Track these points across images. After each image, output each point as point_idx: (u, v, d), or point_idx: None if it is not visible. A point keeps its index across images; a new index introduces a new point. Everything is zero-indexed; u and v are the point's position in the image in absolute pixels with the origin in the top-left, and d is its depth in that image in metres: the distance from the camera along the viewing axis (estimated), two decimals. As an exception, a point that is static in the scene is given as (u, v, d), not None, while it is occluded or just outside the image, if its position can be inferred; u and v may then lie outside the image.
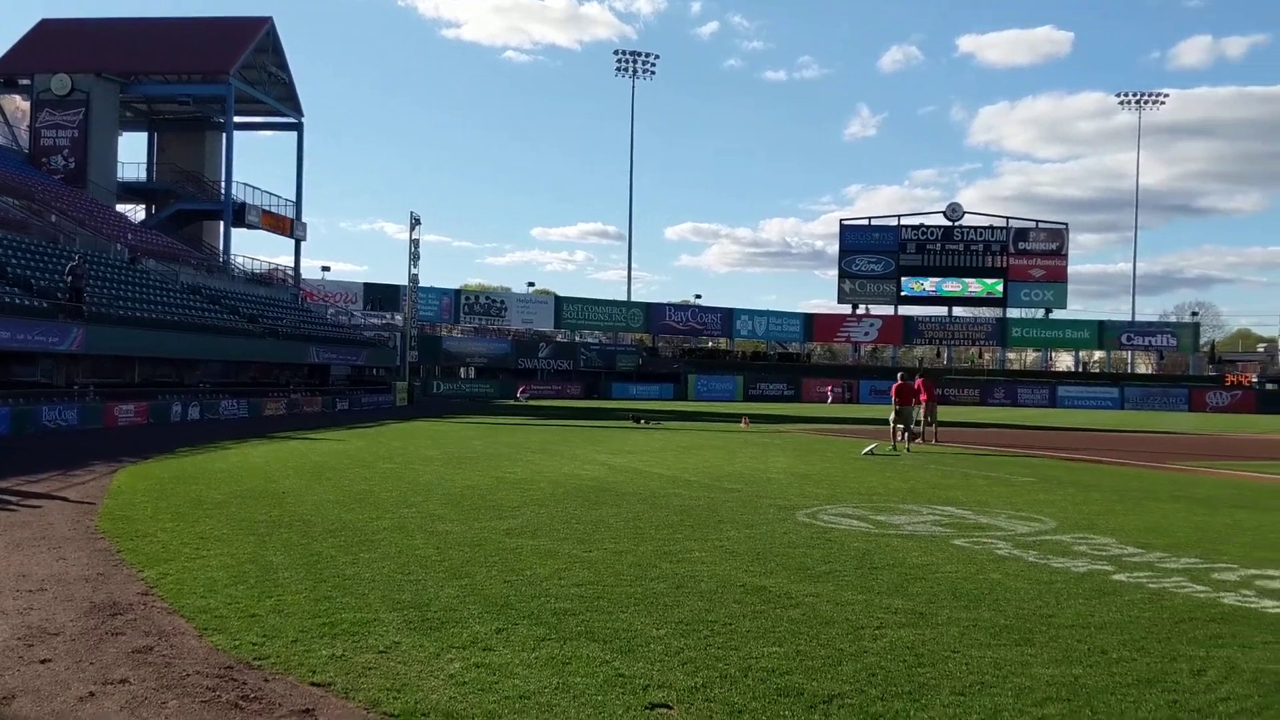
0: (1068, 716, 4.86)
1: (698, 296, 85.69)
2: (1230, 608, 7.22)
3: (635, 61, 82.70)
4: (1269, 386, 73.70)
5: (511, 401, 56.87)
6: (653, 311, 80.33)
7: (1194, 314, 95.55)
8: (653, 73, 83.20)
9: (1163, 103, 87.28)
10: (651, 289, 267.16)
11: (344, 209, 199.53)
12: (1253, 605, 7.30)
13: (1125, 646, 6.12)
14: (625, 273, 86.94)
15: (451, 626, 6.39)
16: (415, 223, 52.92)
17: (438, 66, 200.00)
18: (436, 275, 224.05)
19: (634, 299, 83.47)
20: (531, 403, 55.52)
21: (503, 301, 74.72)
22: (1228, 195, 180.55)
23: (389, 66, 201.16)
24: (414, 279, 54.56)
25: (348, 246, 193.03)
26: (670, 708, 4.93)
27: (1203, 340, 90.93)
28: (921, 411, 25.68)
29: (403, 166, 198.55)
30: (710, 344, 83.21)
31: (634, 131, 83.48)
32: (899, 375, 26.21)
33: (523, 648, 5.92)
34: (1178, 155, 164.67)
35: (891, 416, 24.09)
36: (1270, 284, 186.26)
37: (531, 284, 78.91)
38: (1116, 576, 8.30)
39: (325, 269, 70.49)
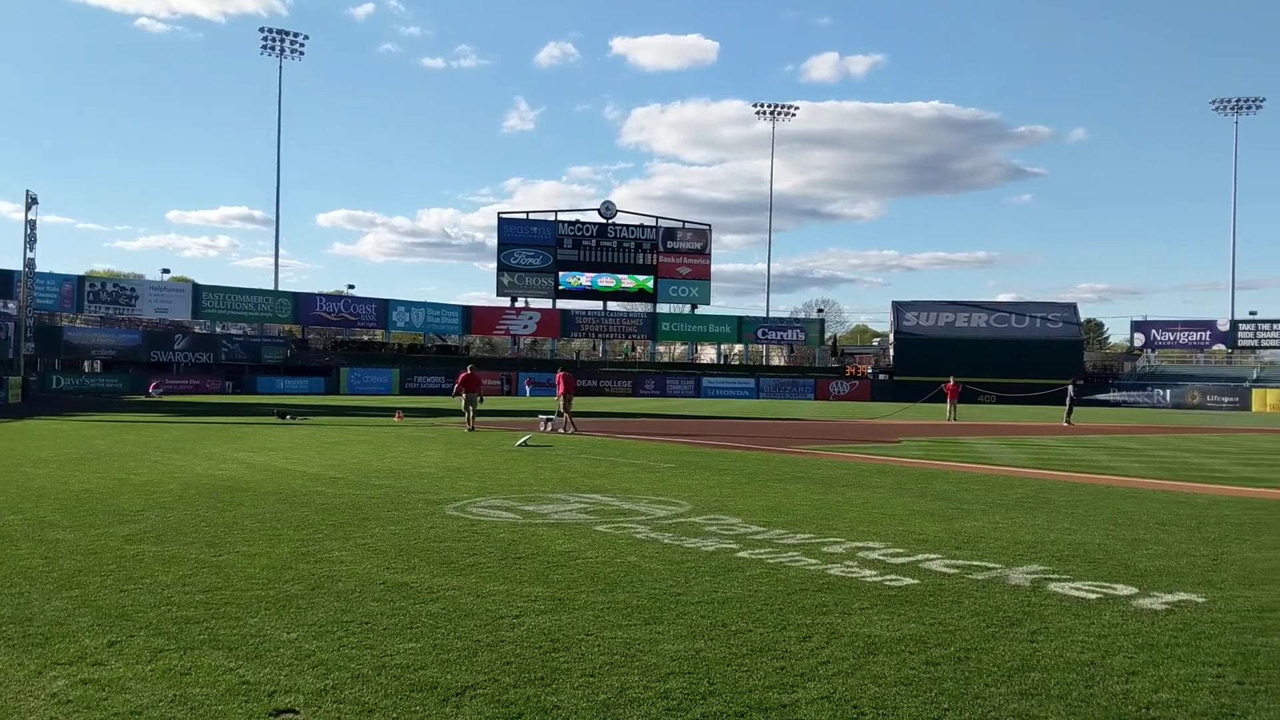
0: (689, 689, 5.15)
1: (351, 286, 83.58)
2: (836, 578, 7.93)
3: (283, 40, 79.04)
4: (881, 376, 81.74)
5: (143, 397, 52.87)
6: (302, 301, 77.14)
7: (820, 311, 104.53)
8: (301, 53, 79.85)
9: (794, 114, 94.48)
10: (302, 278, 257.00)
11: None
12: (855, 575, 8.06)
13: (744, 619, 6.57)
14: (272, 260, 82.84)
15: (58, 642, 5.86)
16: (32, 201, 47.84)
17: (58, 31, 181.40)
18: (58, 260, 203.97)
19: (282, 288, 79.77)
20: (165, 398, 51.89)
21: (134, 289, 69.05)
22: (851, 203, 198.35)
23: (1, 28, 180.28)
24: (30, 263, 49.28)
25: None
26: (297, 713, 4.77)
27: (827, 335, 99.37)
28: (562, 403, 27.98)
29: (18, 140, 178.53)
30: (365, 336, 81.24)
31: (282, 113, 79.43)
32: (468, 366, 30.32)
33: (138, 660, 5.53)
34: (809, 164, 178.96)
35: (462, 402, 28.00)
36: (884, 284, 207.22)
37: (167, 271, 73.80)
38: (741, 554, 8.90)
39: (-79, 251, 62.45)
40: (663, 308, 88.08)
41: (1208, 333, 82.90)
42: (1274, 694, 5.22)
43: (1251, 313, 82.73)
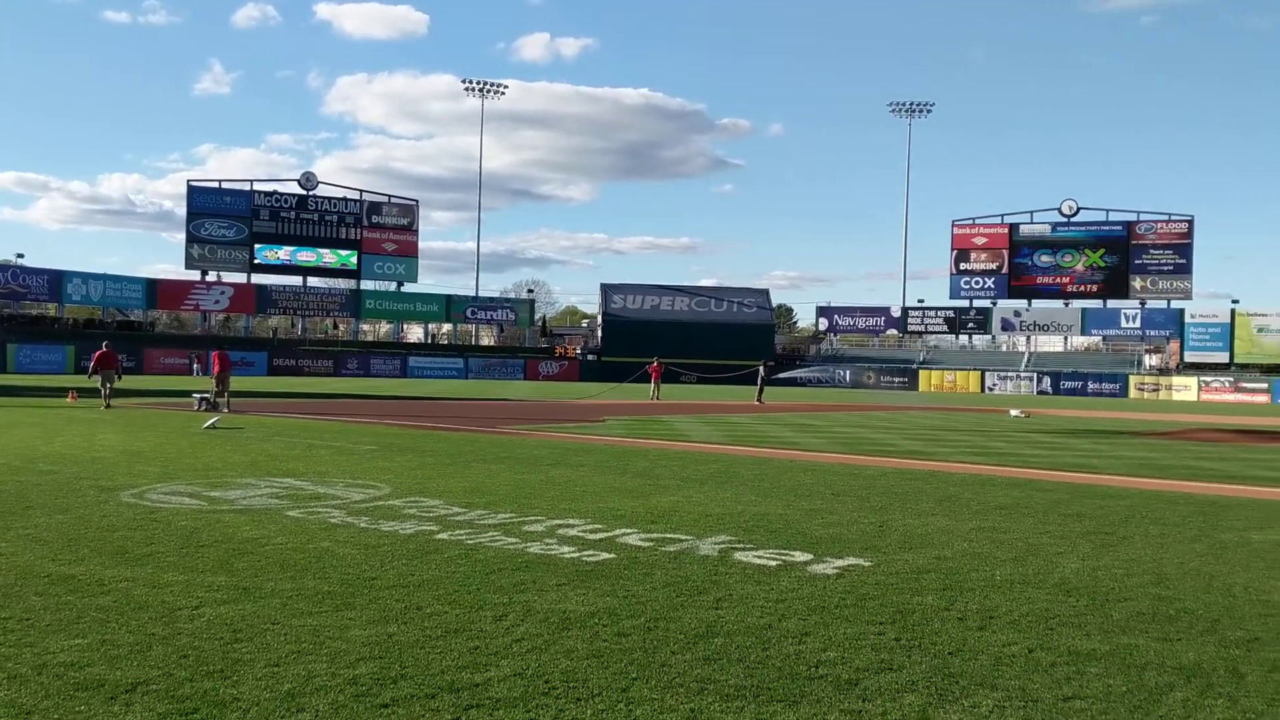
0: (379, 673, 5.05)
1: (20, 256, 76.12)
2: (534, 556, 8.02)
3: (-64, -23, 70.79)
4: (590, 357, 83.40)
5: None
6: (-39, 271, 69.61)
7: (530, 291, 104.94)
8: (-40, -6, 71.86)
9: (503, 93, 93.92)
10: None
11: None
12: (553, 553, 8.17)
13: (439, 601, 6.52)
14: (-75, 225, 74.20)
15: None
16: None
17: None
18: None
19: (-65, 256, 71.73)
20: None
21: None
22: (563, 185, 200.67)
23: None
24: None
25: None
26: (-64, 724, 4.31)
27: (537, 315, 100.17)
28: (217, 383, 27.76)
29: None
30: (36, 310, 74.31)
31: (-65, 60, 71.38)
32: (103, 343, 30.39)
33: None
34: (520, 143, 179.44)
35: (96, 381, 28.17)
36: (595, 266, 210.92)
37: None
38: (440, 535, 8.83)
39: None
40: (367, 284, 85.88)
41: (883, 318, 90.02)
42: (925, 648, 5.73)
43: (920, 301, 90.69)
